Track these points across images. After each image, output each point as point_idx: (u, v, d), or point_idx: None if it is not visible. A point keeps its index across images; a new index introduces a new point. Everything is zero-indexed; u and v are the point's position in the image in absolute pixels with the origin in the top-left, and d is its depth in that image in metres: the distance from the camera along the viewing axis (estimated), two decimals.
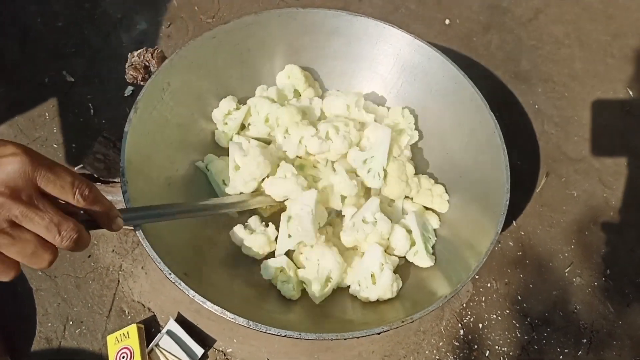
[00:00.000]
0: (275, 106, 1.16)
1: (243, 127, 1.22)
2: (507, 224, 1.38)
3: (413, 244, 1.08)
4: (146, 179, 1.04)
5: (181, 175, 1.13)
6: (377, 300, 1.03)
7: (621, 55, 1.69)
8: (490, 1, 1.80)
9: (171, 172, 1.12)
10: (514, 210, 1.40)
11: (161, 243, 0.97)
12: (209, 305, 0.86)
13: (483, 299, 1.28)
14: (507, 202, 0.99)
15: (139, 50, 1.41)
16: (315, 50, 1.26)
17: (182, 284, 0.87)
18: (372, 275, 1.03)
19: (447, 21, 1.74)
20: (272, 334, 0.85)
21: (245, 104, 1.22)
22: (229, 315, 0.85)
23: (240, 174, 1.09)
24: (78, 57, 1.60)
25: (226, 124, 1.20)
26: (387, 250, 1.08)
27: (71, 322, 1.23)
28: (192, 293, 0.87)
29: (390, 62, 1.23)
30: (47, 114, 1.50)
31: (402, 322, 0.87)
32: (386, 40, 1.21)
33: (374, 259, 1.04)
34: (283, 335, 0.86)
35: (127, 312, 1.24)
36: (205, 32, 1.13)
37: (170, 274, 0.88)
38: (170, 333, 1.17)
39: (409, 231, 1.09)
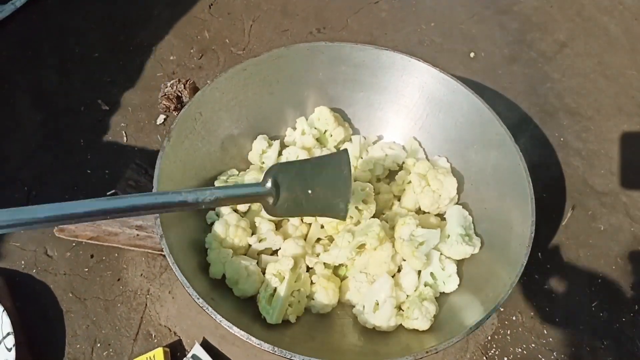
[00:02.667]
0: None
1: None
2: (533, 256, 1.35)
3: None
4: None
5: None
6: (379, 328, 1.06)
7: None
8: (514, 35, 1.83)
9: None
10: (540, 243, 1.39)
11: (189, 268, 1.00)
12: (235, 330, 0.88)
13: (508, 332, 1.27)
14: (533, 235, 1.00)
15: (172, 81, 1.47)
16: (342, 83, 1.30)
17: (210, 308, 0.89)
18: (376, 303, 1.05)
19: (471, 54, 1.76)
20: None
21: (276, 139, 1.27)
22: (254, 341, 0.87)
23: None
24: (113, 87, 1.66)
25: (263, 163, 1.26)
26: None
27: (99, 344, 1.24)
28: (219, 318, 0.89)
29: (415, 95, 1.26)
30: (81, 141, 1.55)
31: (427, 352, 0.88)
32: (411, 73, 1.23)
33: (382, 289, 1.06)
34: None
35: (153, 335, 1.25)
36: (236, 65, 1.17)
37: (198, 298, 0.90)
38: (195, 358, 1.18)
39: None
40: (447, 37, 1.81)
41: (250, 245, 1.14)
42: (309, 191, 0.93)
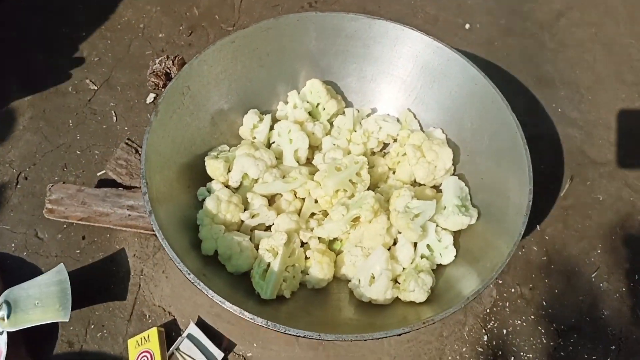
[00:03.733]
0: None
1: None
2: (530, 228, 1.35)
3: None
4: (166, 180, 1.05)
5: (200, 178, 1.14)
6: (373, 301, 1.04)
7: None
8: (510, 5, 1.79)
9: (192, 174, 1.12)
10: (538, 214, 1.37)
11: (180, 245, 0.98)
12: (227, 305, 0.86)
13: (507, 304, 1.25)
14: (530, 203, 0.98)
15: (160, 58, 1.43)
16: (334, 54, 1.27)
17: (201, 284, 0.87)
18: (372, 277, 1.04)
19: (467, 26, 1.73)
20: (291, 334, 0.85)
21: (268, 114, 1.25)
22: (247, 316, 0.85)
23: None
24: (101, 66, 1.63)
25: (254, 138, 1.24)
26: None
27: (93, 326, 1.23)
28: (211, 293, 0.87)
29: (409, 65, 1.23)
30: (70, 122, 1.52)
31: (423, 323, 0.86)
32: (405, 43, 1.20)
33: (377, 261, 1.05)
34: (302, 336, 0.85)
35: (148, 316, 1.24)
36: (225, 37, 1.14)
37: (189, 274, 0.88)
38: (190, 337, 1.17)
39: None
40: (442, 8, 1.78)
41: (243, 222, 1.12)
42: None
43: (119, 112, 1.54)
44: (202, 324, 1.20)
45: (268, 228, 1.15)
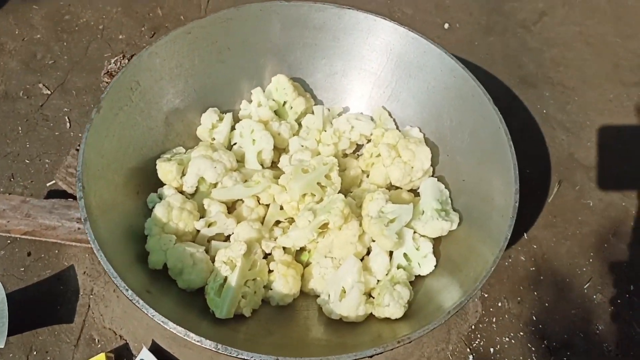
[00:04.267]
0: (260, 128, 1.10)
1: None
2: (517, 236, 1.26)
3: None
4: (110, 185, 0.94)
5: (152, 184, 1.02)
6: (346, 319, 0.93)
7: (633, 57, 1.59)
8: (491, 4, 1.72)
9: (142, 179, 1.01)
10: (525, 221, 1.28)
11: (123, 257, 0.86)
12: (170, 325, 0.75)
13: (494, 320, 1.15)
14: (517, 204, 0.88)
15: (116, 57, 1.34)
16: (301, 48, 1.17)
17: (141, 301, 0.76)
18: (343, 291, 0.94)
19: (446, 25, 1.65)
20: (244, 358, 0.73)
21: (229, 112, 1.15)
22: (193, 338, 0.74)
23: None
24: (56, 69, 1.52)
25: (213, 139, 1.14)
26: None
27: (35, 353, 1.11)
28: (151, 312, 0.76)
29: (382, 59, 1.14)
30: (20, 128, 1.40)
31: (398, 342, 0.75)
32: (377, 35, 1.11)
33: (349, 273, 0.94)
34: None
35: (97, 340, 1.12)
36: (179, 27, 1.04)
37: (127, 290, 0.76)
38: None
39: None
40: (419, 8, 1.70)
41: (198, 231, 1.01)
42: None
43: (73, 118, 1.43)
44: (156, 349, 1.09)
45: (227, 238, 1.03)
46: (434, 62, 1.07)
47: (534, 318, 1.16)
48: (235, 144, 1.14)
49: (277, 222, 1.06)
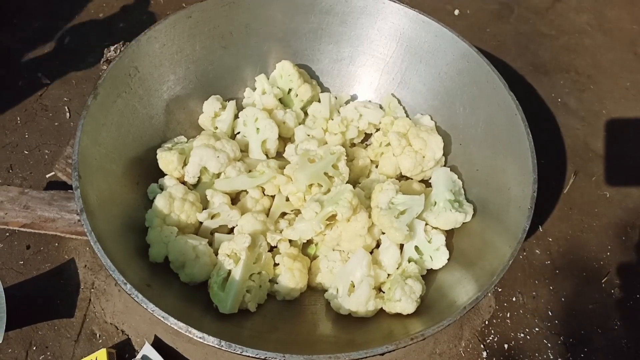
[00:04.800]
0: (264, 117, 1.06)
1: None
2: (532, 229, 1.21)
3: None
4: (109, 175, 0.90)
5: (152, 174, 0.99)
6: (353, 314, 0.90)
7: None
8: None
9: (142, 169, 0.97)
10: (540, 213, 1.24)
11: (122, 250, 0.83)
12: (171, 321, 0.72)
13: (508, 315, 1.11)
14: (535, 194, 0.84)
15: (116, 45, 1.30)
16: (307, 34, 1.14)
17: (140, 296, 0.72)
18: (351, 285, 0.91)
19: (456, 12, 1.61)
20: (248, 356, 0.69)
21: (231, 99, 1.11)
22: (195, 334, 0.71)
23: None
24: (55, 59, 1.49)
25: (216, 128, 1.10)
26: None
27: (35, 348, 1.08)
28: (151, 307, 0.72)
29: (392, 44, 1.10)
30: (18, 119, 1.37)
31: (412, 339, 0.71)
32: (386, 18, 1.07)
33: (358, 267, 0.91)
34: (263, 358, 0.70)
35: (98, 335, 1.09)
36: (180, 11, 1.00)
37: (125, 284, 0.73)
38: (145, 359, 1.03)
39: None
40: None
41: (201, 223, 0.97)
42: None
43: (73, 108, 1.40)
44: (158, 344, 1.06)
45: (231, 230, 0.99)
46: (446, 47, 1.03)
47: (550, 313, 1.12)
48: (238, 133, 1.10)
49: (283, 214, 1.03)
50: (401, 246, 0.96)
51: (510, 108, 0.92)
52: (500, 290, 1.14)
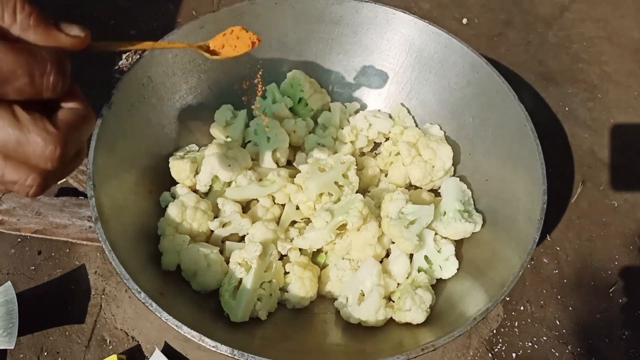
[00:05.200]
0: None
1: None
2: (540, 238, 1.20)
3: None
4: (122, 184, 0.91)
5: (164, 183, 1.00)
6: (363, 323, 0.90)
7: None
8: None
9: (155, 178, 0.99)
10: (548, 222, 1.22)
11: (135, 258, 0.84)
12: (185, 330, 0.72)
13: (516, 324, 1.11)
14: (545, 205, 0.84)
15: (127, 53, 1.31)
16: (317, 44, 1.14)
17: (154, 304, 0.73)
18: (361, 294, 0.91)
19: (464, 20, 1.61)
20: None
21: (242, 109, 1.12)
22: (208, 343, 0.71)
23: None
24: None
25: (228, 137, 1.11)
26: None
27: (46, 353, 1.08)
28: (165, 315, 0.73)
29: (402, 54, 1.10)
30: None
31: (422, 349, 0.72)
32: (396, 29, 1.08)
33: (368, 276, 0.91)
34: None
35: (108, 341, 1.09)
36: (193, 21, 1.01)
37: (139, 292, 0.74)
38: None
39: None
40: (437, 2, 1.66)
41: (212, 232, 0.98)
42: None
43: None
44: (169, 351, 1.06)
45: (242, 239, 1.00)
46: (456, 58, 1.03)
47: (558, 322, 1.12)
48: (249, 141, 1.11)
49: (293, 223, 1.04)
50: (411, 256, 0.96)
51: (520, 119, 0.93)
52: (508, 299, 1.14)
